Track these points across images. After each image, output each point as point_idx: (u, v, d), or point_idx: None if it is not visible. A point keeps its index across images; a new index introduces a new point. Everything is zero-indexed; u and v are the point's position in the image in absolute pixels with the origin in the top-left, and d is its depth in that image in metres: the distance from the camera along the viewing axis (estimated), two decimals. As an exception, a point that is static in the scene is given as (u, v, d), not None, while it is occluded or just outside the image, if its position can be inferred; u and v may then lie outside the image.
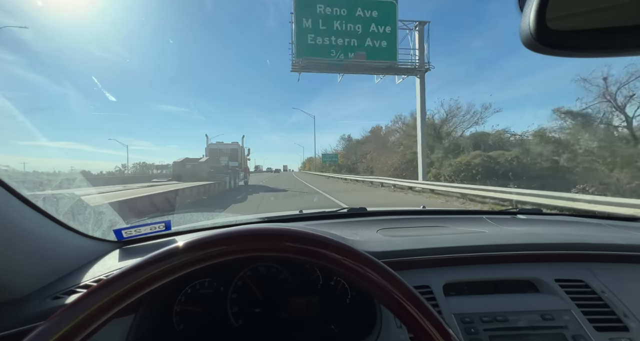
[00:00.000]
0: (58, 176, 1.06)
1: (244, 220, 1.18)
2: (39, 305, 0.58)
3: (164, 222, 0.90)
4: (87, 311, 0.32)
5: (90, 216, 0.94)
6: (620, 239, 0.84)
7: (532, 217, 1.23)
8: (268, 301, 0.76)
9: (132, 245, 0.88)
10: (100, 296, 0.34)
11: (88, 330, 0.32)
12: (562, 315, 0.66)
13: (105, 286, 0.34)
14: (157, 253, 0.38)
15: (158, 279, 0.36)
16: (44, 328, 0.31)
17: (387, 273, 0.39)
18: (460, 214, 1.32)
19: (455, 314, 0.66)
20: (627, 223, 1.15)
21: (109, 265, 0.74)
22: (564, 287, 0.71)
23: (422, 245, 0.78)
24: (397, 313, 0.38)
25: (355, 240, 0.82)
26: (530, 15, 0.31)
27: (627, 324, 0.65)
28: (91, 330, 0.33)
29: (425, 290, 0.69)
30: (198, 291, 0.75)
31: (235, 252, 0.39)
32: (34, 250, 0.62)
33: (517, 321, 0.65)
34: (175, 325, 0.71)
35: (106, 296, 0.34)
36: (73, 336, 0.31)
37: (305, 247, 0.40)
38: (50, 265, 0.66)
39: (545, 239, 0.85)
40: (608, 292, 0.70)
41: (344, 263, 0.39)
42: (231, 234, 0.40)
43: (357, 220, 1.16)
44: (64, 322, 0.31)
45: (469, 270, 0.76)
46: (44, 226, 0.65)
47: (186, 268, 0.37)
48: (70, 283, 0.65)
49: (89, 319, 0.32)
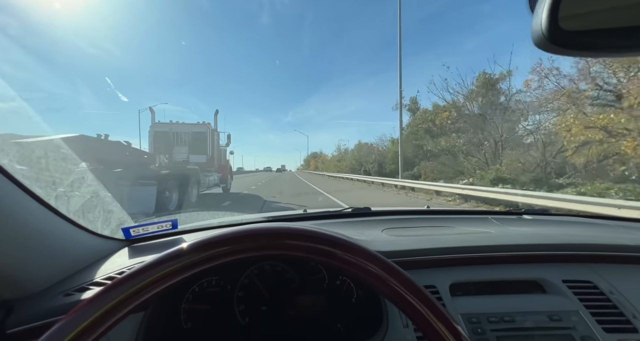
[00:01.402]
0: (70, 175, 1.08)
1: (250, 220, 1.19)
2: (51, 301, 0.59)
3: (170, 221, 0.92)
4: (104, 307, 0.33)
5: (99, 214, 0.96)
6: (628, 240, 0.83)
7: (538, 217, 1.22)
8: (274, 299, 0.76)
9: (140, 244, 0.90)
10: (116, 293, 0.35)
11: (105, 325, 0.33)
12: (570, 315, 0.65)
13: (119, 285, 0.35)
14: (168, 253, 0.38)
15: (168, 279, 0.37)
16: (64, 323, 0.32)
17: (397, 272, 0.39)
18: (465, 214, 1.31)
19: (462, 314, 0.66)
20: (634, 224, 1.14)
21: (119, 262, 0.75)
22: (572, 288, 0.71)
23: (428, 245, 0.78)
24: (406, 311, 0.38)
25: (361, 239, 0.82)
26: (542, 15, 0.31)
27: (636, 325, 0.64)
28: (108, 326, 0.33)
29: (431, 290, 0.69)
30: (205, 290, 0.76)
31: (241, 252, 0.40)
32: (45, 248, 0.63)
33: (524, 321, 0.64)
34: (183, 323, 0.72)
35: (121, 294, 0.34)
36: (91, 331, 0.32)
37: (320, 246, 0.40)
38: (61, 262, 0.67)
39: (552, 240, 0.84)
40: (617, 293, 0.70)
41: (350, 261, 0.39)
42: (234, 234, 0.40)
43: (362, 219, 1.16)
44: (84, 317, 0.32)
45: (475, 270, 0.75)
46: (55, 224, 0.67)
47: (196, 268, 0.38)
48: (81, 280, 0.66)
49: (106, 315, 0.33)
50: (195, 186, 7.58)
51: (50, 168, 0.97)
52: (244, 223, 1.12)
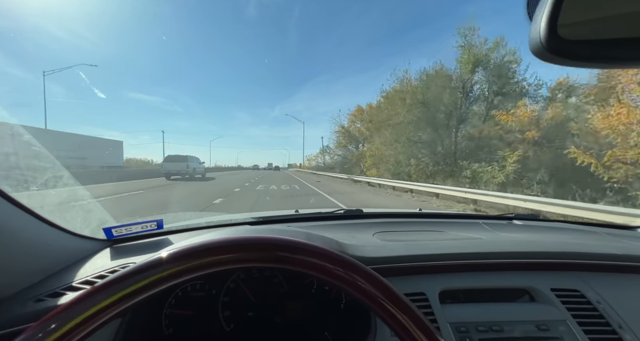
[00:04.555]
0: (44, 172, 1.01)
1: (239, 220, 1.15)
2: (22, 307, 0.56)
3: (155, 221, 0.88)
4: (75, 318, 0.31)
5: (77, 214, 0.91)
6: (616, 249, 0.84)
7: (528, 222, 1.23)
8: (261, 305, 0.74)
9: (123, 244, 0.86)
10: (89, 304, 0.32)
11: (78, 337, 0.31)
12: (558, 325, 0.65)
13: (91, 296, 0.33)
14: (144, 263, 0.36)
15: (145, 290, 0.34)
16: (32, 333, 0.29)
17: (377, 281, 0.38)
18: (457, 218, 1.32)
19: (450, 323, 0.65)
20: (623, 232, 1.16)
21: (100, 264, 0.72)
22: (560, 297, 0.71)
23: (418, 251, 0.78)
24: (389, 324, 0.36)
25: (351, 244, 0.81)
26: (540, 23, 0.30)
27: (622, 336, 0.64)
28: (80, 337, 0.31)
29: (421, 297, 0.68)
30: (189, 294, 0.73)
31: (225, 263, 0.37)
32: (15, 250, 0.59)
33: (512, 331, 0.64)
34: (164, 329, 0.69)
35: (94, 306, 0.32)
36: None
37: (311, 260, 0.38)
38: (34, 264, 0.63)
39: (542, 247, 0.84)
40: (604, 303, 0.70)
41: (331, 271, 0.37)
42: (219, 244, 0.37)
43: (354, 222, 1.15)
44: (53, 328, 0.30)
45: (465, 277, 0.75)
46: (27, 224, 0.63)
47: (176, 279, 0.35)
48: (56, 284, 0.62)
49: (77, 326, 0.31)
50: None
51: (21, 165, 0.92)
52: (232, 224, 1.09)
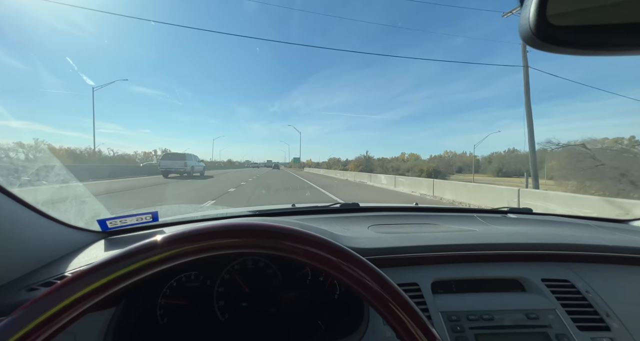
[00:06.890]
0: (35, 163, 1.00)
1: (235, 213, 1.16)
2: (14, 296, 0.56)
3: (150, 213, 0.88)
4: (55, 307, 0.30)
5: (71, 205, 0.91)
6: (606, 240, 0.85)
7: (522, 216, 1.24)
8: (256, 295, 0.75)
9: (118, 236, 0.86)
10: (71, 290, 0.32)
11: (56, 325, 0.30)
12: (547, 314, 0.67)
13: (75, 281, 0.32)
14: (136, 246, 0.35)
15: (135, 273, 0.34)
16: (6, 322, 0.29)
17: (371, 271, 0.38)
18: (452, 212, 1.33)
19: (442, 312, 0.66)
20: (614, 225, 1.18)
21: (93, 255, 0.72)
22: (550, 287, 0.72)
23: (412, 242, 0.78)
24: (381, 313, 0.36)
25: (345, 236, 0.82)
26: (530, 9, 0.29)
27: (609, 324, 0.66)
28: (64, 323, 0.31)
29: (413, 288, 0.69)
30: (184, 284, 0.74)
31: (219, 248, 0.37)
32: (8, 240, 0.59)
33: (502, 319, 0.65)
34: (159, 319, 0.70)
35: (78, 292, 0.32)
36: (39, 331, 0.29)
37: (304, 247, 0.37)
38: (28, 254, 0.63)
39: (534, 239, 0.86)
40: (592, 292, 0.72)
41: (326, 259, 0.37)
42: (213, 228, 0.37)
43: (350, 215, 1.16)
44: (30, 317, 0.29)
45: (457, 268, 0.76)
46: (19, 214, 0.62)
47: (167, 263, 0.35)
48: (49, 274, 0.62)
49: (57, 314, 0.30)
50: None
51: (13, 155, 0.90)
52: (228, 217, 1.09)
